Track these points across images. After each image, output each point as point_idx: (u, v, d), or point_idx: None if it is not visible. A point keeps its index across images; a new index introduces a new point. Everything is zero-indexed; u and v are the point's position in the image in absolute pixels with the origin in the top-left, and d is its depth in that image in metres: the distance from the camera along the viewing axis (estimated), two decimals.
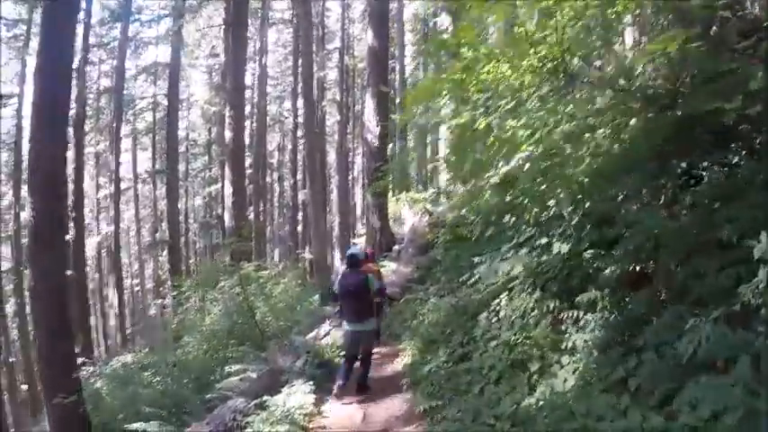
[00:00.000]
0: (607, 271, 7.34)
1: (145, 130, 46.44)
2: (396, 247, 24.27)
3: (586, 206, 8.08)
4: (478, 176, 12.89)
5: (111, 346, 42.40)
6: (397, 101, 36.65)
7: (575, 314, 7.57)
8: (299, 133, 44.27)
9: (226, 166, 30.48)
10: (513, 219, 9.81)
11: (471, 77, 8.23)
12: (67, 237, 33.42)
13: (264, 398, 9.67)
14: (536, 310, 8.41)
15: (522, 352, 7.96)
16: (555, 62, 7.11)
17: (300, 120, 42.81)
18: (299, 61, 35.96)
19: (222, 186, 36.91)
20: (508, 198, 10.04)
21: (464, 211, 17.93)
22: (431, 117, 21.38)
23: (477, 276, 10.71)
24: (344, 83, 47.49)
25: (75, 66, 35.18)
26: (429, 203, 23.90)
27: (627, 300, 7.07)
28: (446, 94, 10.05)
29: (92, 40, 38.47)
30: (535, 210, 8.61)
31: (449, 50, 11.05)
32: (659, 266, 6.85)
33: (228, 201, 28.72)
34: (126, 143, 47.96)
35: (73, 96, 35.39)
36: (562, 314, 7.86)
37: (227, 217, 29.52)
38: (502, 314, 8.97)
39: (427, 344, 11.66)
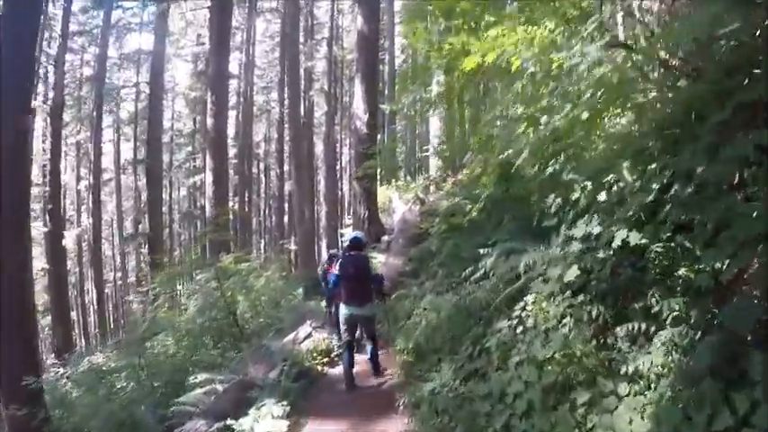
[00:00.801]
0: (682, 271, 5.12)
1: (128, 119, 44.07)
2: (385, 238, 22.44)
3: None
4: (486, 156, 12.08)
5: (93, 342, 40.15)
6: (386, 92, 35.13)
7: (634, 327, 5.36)
8: (286, 124, 41.94)
9: (207, 155, 28.19)
10: (558, 200, 7.34)
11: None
12: (45, 229, 31.80)
13: (229, 421, 7.94)
14: (573, 318, 6.19)
15: (559, 374, 5.72)
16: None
17: (287, 110, 40.88)
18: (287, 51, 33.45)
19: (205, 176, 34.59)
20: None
21: (459, 198, 16.43)
22: (421, 107, 19.34)
23: (482, 270, 8.86)
24: (333, 73, 45.44)
25: (53, 53, 33.57)
26: (420, 191, 21.71)
27: (716, 311, 4.82)
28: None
29: (73, 27, 36.53)
30: (585, 186, 6.34)
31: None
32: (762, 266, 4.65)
33: (209, 190, 26.55)
34: (109, 133, 45.94)
35: (51, 83, 33.70)
36: (612, 326, 5.73)
37: (207, 207, 27.33)
38: (530, 322, 6.72)
39: (426, 353, 9.61)
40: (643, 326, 5.35)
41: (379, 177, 24.77)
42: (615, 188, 6.08)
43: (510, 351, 6.85)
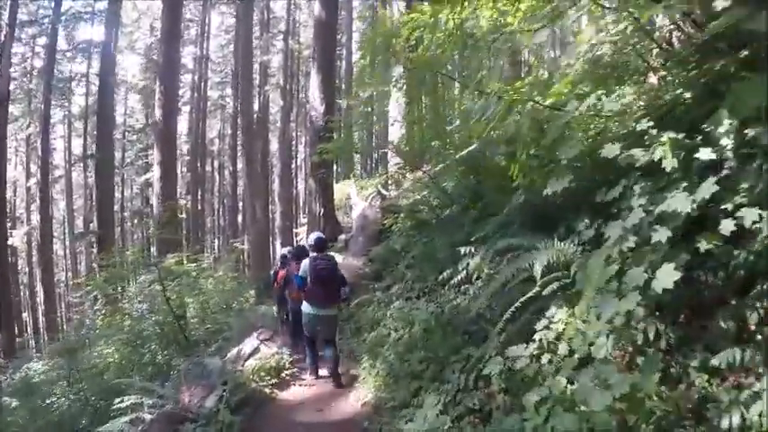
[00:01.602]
0: None
1: (79, 114, 41.22)
2: (342, 237, 20.47)
3: None
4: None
5: (40, 345, 37.55)
6: (343, 87, 33.45)
7: (732, 356, 3.44)
8: (240, 120, 39.85)
9: (154, 148, 25.80)
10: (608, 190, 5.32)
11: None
12: None
13: None
14: (621, 339, 4.25)
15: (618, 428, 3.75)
16: None
17: (240, 104, 38.87)
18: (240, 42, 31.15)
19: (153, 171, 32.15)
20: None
21: (425, 193, 15.09)
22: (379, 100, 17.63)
23: (463, 272, 7.71)
24: (289, 69, 43.12)
25: None
26: (380, 186, 19.70)
27: None
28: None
29: (23, 17, 33.96)
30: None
31: None
32: None
33: (157, 186, 24.16)
34: (61, 129, 43.32)
35: None
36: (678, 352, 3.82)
37: (155, 204, 24.94)
38: (561, 349, 4.71)
39: (400, 376, 7.53)
40: (737, 354, 3.41)
41: (335, 175, 23.59)
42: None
43: (526, 383, 4.87)
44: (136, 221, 44.91)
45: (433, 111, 21.38)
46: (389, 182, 21.84)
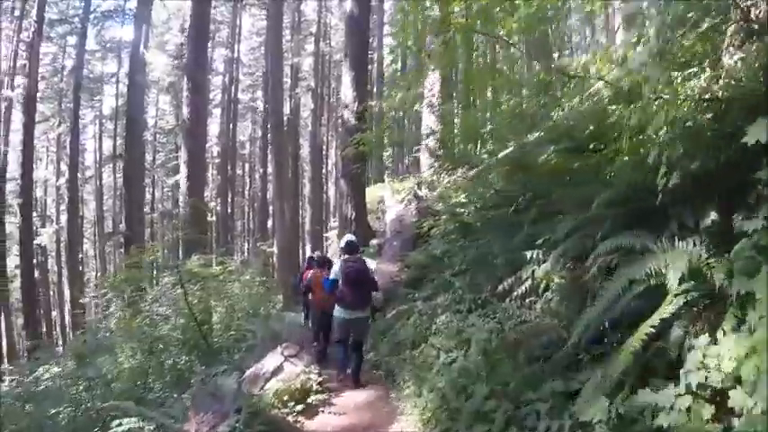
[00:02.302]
0: None
1: (110, 115, 40.08)
2: (374, 242, 18.98)
3: None
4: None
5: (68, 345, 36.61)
6: (374, 91, 32.10)
7: None
8: (270, 121, 38.58)
9: (181, 147, 24.46)
10: None
11: None
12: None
13: None
14: None
15: None
16: None
17: (269, 104, 37.55)
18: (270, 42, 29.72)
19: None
20: None
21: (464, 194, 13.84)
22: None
23: (527, 281, 6.73)
24: (320, 72, 41.64)
25: (27, 38, 29.85)
26: (416, 188, 18.11)
27: None
28: None
29: (52, 15, 32.93)
30: None
31: None
32: None
33: (183, 185, 22.78)
34: (92, 130, 42.32)
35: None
36: None
37: (181, 203, 23.57)
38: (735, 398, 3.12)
39: (456, 415, 5.76)
40: None
41: (366, 179, 22.34)
42: None
43: None
44: (165, 222, 43.52)
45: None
46: (424, 185, 20.32)
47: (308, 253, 33.88)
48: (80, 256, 39.72)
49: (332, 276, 9.23)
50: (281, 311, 17.68)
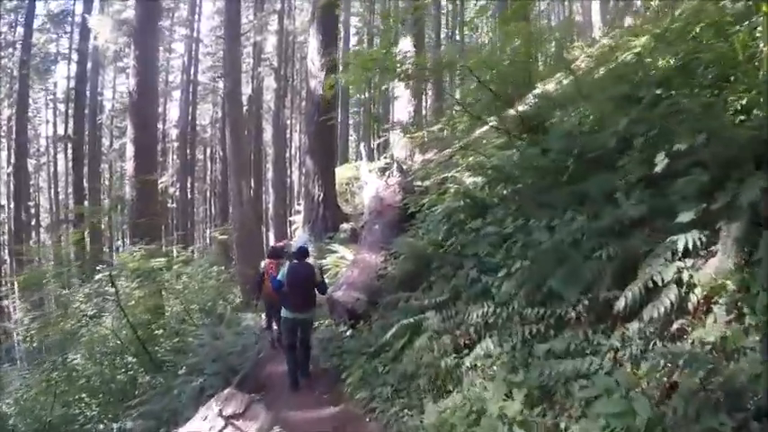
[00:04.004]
0: None
1: (64, 98, 35.39)
2: (345, 226, 15.75)
3: None
4: None
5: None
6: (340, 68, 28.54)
7: None
8: (223, 90, 34.80)
9: (128, 124, 20.53)
10: None
11: None
12: None
13: None
14: None
15: None
16: None
17: (247, 90, 33.79)
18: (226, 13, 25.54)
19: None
20: None
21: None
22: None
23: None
24: (284, 53, 37.60)
25: None
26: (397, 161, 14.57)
27: None
28: None
29: None
30: None
31: None
32: None
33: (129, 166, 18.92)
34: (49, 115, 38.11)
35: None
36: None
37: (127, 187, 19.66)
38: None
39: None
40: None
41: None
42: None
43: None
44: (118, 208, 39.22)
45: None
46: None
47: (272, 240, 30.33)
48: (34, 245, 35.56)
49: (279, 276, 8.87)
50: (237, 310, 14.19)
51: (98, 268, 13.21)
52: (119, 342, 11.56)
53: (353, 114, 40.37)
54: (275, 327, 10.26)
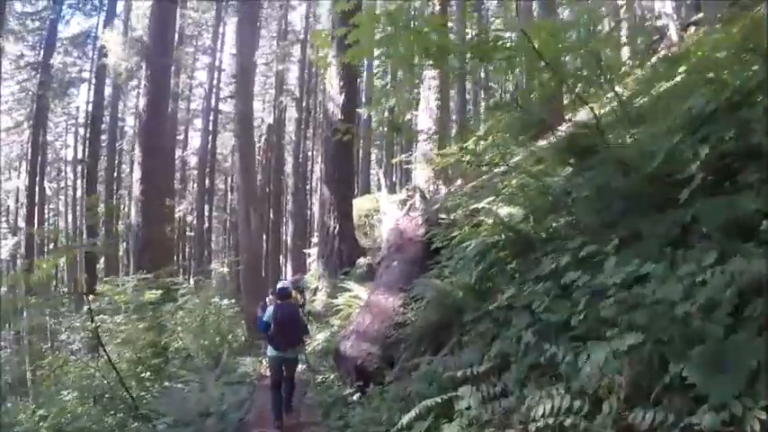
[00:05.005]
0: None
1: (84, 122, 34.17)
2: (362, 261, 14.11)
3: None
4: None
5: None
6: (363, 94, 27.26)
7: None
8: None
9: (136, 146, 18.92)
10: None
11: None
12: None
13: None
14: None
15: None
16: None
17: (268, 119, 32.33)
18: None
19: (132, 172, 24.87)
20: None
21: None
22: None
23: None
24: (307, 84, 36.21)
25: None
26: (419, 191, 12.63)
27: None
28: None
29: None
30: None
31: None
32: None
33: (136, 189, 17.34)
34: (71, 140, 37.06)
35: None
36: None
37: (132, 212, 18.00)
38: None
39: None
40: None
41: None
42: None
43: None
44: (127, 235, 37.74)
45: None
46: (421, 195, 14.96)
47: (289, 272, 28.56)
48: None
49: (265, 318, 8.88)
50: (237, 353, 12.35)
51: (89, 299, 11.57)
52: (106, 382, 9.91)
53: (376, 146, 38.92)
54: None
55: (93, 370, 10.21)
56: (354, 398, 7.22)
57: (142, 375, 10.84)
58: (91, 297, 11.59)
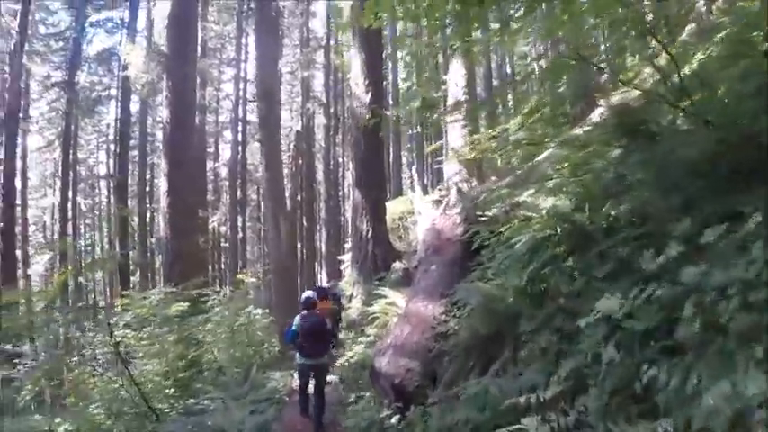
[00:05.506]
0: None
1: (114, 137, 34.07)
2: (397, 265, 13.15)
3: None
4: None
5: None
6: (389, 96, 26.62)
7: None
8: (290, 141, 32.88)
9: (162, 157, 18.28)
10: None
11: None
12: None
13: None
14: None
15: None
16: None
17: (297, 126, 31.78)
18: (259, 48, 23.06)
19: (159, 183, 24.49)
20: None
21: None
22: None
23: None
24: (332, 89, 35.56)
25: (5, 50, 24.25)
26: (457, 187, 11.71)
27: None
28: None
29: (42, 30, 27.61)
30: None
31: None
32: None
33: (163, 202, 16.69)
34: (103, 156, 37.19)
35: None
36: None
37: (161, 224, 17.41)
38: None
39: None
40: None
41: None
42: None
43: None
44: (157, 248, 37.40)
45: None
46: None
47: (324, 278, 27.91)
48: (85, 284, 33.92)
49: (294, 327, 8.92)
50: (268, 366, 11.69)
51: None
52: (129, 396, 9.34)
53: (407, 149, 38.14)
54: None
55: (119, 385, 9.55)
56: (392, 421, 6.22)
57: (166, 391, 10.15)
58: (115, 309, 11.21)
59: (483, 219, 8.72)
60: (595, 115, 8.98)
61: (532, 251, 5.78)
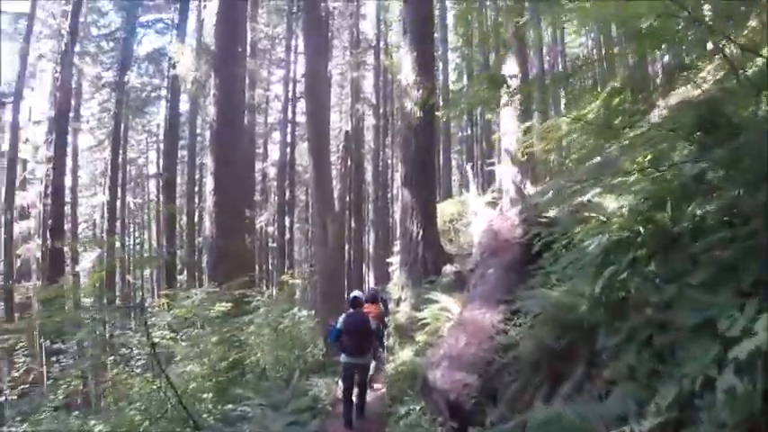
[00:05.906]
0: None
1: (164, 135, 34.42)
2: (449, 268, 12.35)
3: None
4: None
5: None
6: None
7: None
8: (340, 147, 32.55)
9: (208, 155, 18.02)
10: None
11: None
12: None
13: None
14: None
15: None
16: None
17: (346, 127, 31.49)
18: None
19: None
20: None
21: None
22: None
23: None
24: (383, 90, 35.30)
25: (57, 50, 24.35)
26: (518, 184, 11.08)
27: None
28: None
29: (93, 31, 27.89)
30: None
31: None
32: None
33: (209, 201, 16.39)
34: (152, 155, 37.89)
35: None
36: None
37: (207, 223, 17.11)
38: None
39: None
40: None
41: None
42: None
43: None
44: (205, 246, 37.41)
45: None
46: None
47: (372, 281, 27.45)
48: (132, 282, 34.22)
49: (338, 326, 9.02)
50: (311, 371, 11.24)
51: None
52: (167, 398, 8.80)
53: (456, 151, 37.60)
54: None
55: (156, 387, 9.16)
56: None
57: (204, 396, 9.70)
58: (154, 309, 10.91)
59: (543, 220, 8.05)
60: (654, 116, 8.26)
61: (607, 254, 5.09)
